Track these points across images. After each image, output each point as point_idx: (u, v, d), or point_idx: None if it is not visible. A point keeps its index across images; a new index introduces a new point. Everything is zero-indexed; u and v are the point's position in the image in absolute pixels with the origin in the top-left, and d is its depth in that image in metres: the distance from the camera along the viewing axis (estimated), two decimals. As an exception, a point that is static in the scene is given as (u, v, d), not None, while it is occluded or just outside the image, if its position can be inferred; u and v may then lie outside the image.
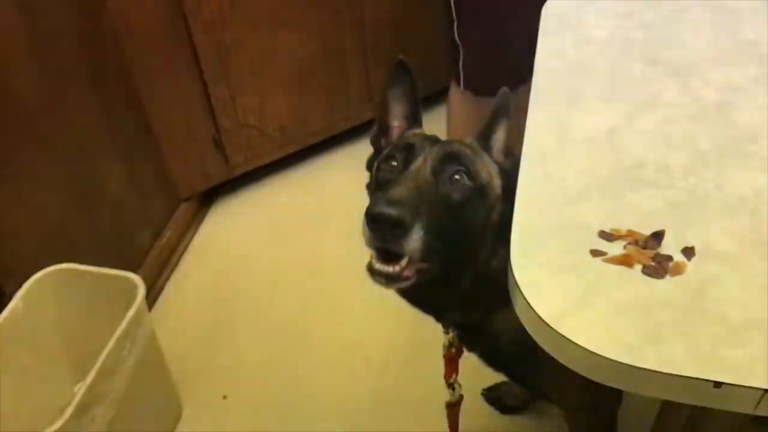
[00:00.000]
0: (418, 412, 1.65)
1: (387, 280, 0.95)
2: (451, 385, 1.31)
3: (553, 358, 1.11)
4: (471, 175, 0.99)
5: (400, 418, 1.53)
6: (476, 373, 1.29)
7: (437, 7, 1.93)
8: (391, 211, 0.88)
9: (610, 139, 0.93)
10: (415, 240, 0.90)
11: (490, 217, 1.01)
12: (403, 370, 1.47)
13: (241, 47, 2.15)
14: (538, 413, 1.71)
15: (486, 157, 1.06)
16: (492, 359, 1.26)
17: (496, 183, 1.03)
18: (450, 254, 0.97)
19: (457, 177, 0.99)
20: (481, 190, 1.00)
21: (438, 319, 1.18)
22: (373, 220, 0.89)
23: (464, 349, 1.25)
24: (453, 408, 1.33)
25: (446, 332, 1.22)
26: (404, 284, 0.97)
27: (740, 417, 0.91)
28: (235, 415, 1.83)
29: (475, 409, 1.72)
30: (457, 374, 1.30)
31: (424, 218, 0.91)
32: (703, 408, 0.76)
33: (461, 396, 1.31)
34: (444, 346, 1.24)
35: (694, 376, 0.66)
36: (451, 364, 1.29)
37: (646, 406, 1.20)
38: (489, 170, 1.03)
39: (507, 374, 1.34)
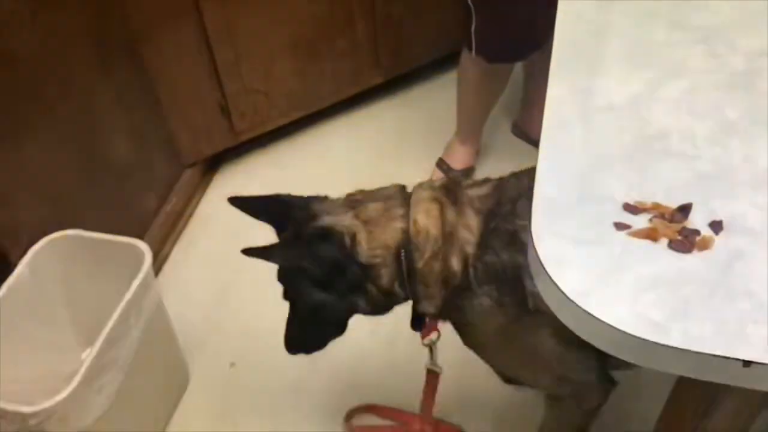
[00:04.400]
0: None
1: None
2: None
3: (524, 351, 1.24)
4: None
5: (411, 390, 1.53)
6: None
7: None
8: None
9: (633, 108, 0.90)
10: None
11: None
12: (412, 342, 1.47)
13: (247, 10, 2.10)
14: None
15: None
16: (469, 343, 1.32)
17: None
18: None
19: None
20: None
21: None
22: None
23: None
24: None
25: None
26: None
27: (758, 397, 0.90)
28: (242, 383, 1.83)
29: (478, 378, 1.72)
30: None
31: None
32: (718, 387, 0.74)
33: None
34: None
35: (722, 354, 0.64)
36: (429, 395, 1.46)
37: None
38: None
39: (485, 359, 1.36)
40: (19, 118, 1.55)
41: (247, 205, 1.30)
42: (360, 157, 2.41)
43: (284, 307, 1.96)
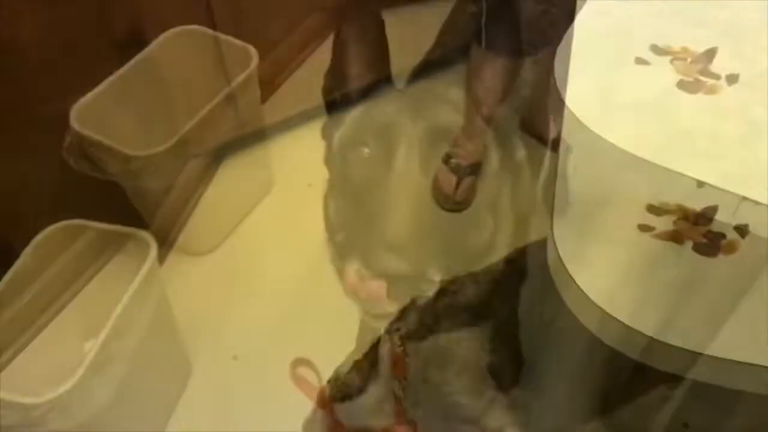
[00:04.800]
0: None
1: None
2: None
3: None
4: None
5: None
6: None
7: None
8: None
9: (657, 105, 0.88)
10: None
11: None
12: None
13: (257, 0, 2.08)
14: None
15: None
16: None
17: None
18: None
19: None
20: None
21: None
22: None
23: None
24: None
25: None
26: None
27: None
28: (245, 376, 1.81)
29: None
30: None
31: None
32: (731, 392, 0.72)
33: None
34: None
35: (749, 361, 0.63)
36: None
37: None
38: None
39: None
40: (19, 108, 1.53)
41: None
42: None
43: (287, 301, 1.96)
